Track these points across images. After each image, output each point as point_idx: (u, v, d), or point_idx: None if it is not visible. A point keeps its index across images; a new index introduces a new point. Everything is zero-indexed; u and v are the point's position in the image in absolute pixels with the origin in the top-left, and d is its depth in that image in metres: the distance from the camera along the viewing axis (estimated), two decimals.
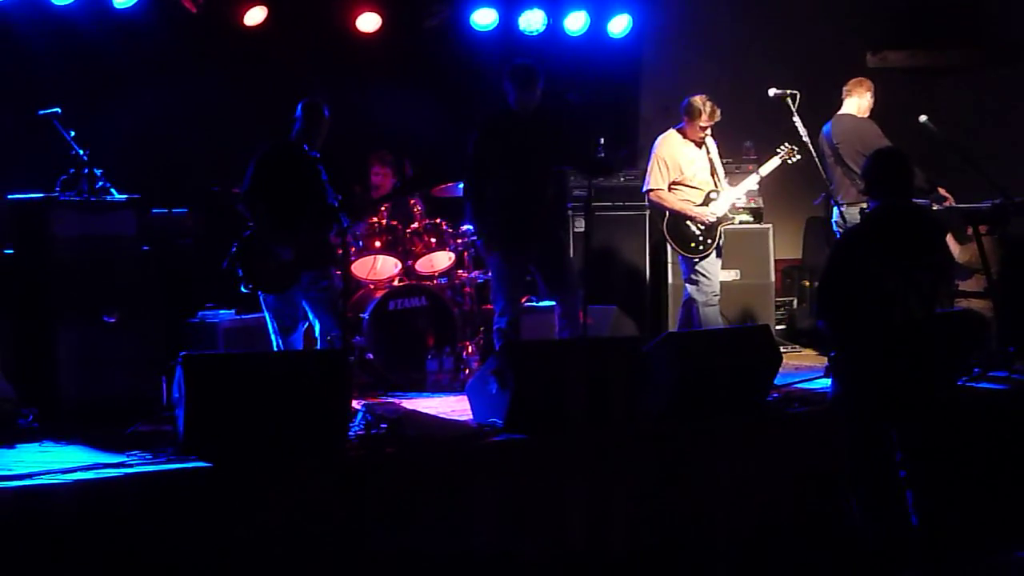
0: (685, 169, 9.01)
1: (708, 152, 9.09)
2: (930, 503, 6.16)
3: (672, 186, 9.02)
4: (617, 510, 6.74)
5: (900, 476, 6.16)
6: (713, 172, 9.10)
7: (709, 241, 8.98)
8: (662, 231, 9.15)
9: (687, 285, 9.12)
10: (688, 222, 8.98)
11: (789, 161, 9.11)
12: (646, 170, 9.16)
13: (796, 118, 8.91)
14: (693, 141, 9.04)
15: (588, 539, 6.63)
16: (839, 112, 9.62)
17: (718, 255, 9.06)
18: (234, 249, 7.64)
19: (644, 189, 9.15)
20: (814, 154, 9.02)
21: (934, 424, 6.25)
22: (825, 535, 7.05)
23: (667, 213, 9.05)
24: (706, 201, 9.00)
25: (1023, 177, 9.81)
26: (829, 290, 6.23)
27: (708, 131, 9.01)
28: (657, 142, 9.12)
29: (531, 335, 8.91)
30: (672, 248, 9.22)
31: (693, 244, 9.00)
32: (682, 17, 11.66)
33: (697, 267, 9.00)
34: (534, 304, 9.51)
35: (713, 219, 8.96)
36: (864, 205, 9.14)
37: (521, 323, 8.64)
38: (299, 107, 7.89)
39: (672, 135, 9.09)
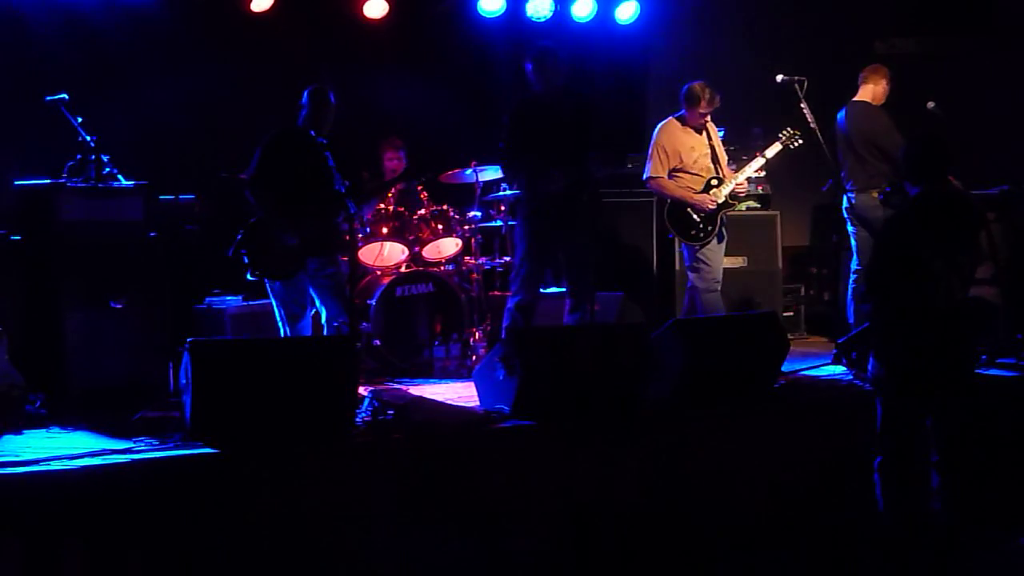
0: (685, 156, 8.95)
1: (710, 138, 9.05)
2: (955, 488, 6.20)
3: (673, 173, 8.96)
4: (623, 496, 6.74)
5: (931, 460, 6.22)
6: (715, 158, 9.05)
7: (710, 228, 8.90)
8: (663, 218, 9.12)
9: (689, 272, 9.09)
10: (688, 209, 8.92)
11: (791, 146, 9.06)
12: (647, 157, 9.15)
13: (804, 104, 8.88)
14: (693, 128, 8.98)
15: (594, 525, 6.64)
16: (854, 99, 9.54)
17: (720, 241, 9.00)
18: (240, 236, 7.63)
19: (644, 177, 9.10)
20: (821, 140, 8.96)
21: (969, 407, 6.29)
22: (833, 520, 7.07)
23: (668, 200, 9.02)
24: (707, 188, 8.93)
25: None
26: (878, 273, 6.32)
27: (708, 117, 8.97)
28: (656, 129, 9.07)
29: (540, 321, 8.89)
30: (674, 235, 9.19)
31: (693, 231, 8.93)
32: (689, 3, 11.63)
33: (698, 254, 8.96)
34: (544, 291, 9.48)
35: (713, 206, 8.89)
36: (875, 192, 9.12)
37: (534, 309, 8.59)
38: (305, 94, 7.87)
39: (671, 122, 9.03)
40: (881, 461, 6.30)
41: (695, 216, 8.92)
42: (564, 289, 8.59)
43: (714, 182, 8.94)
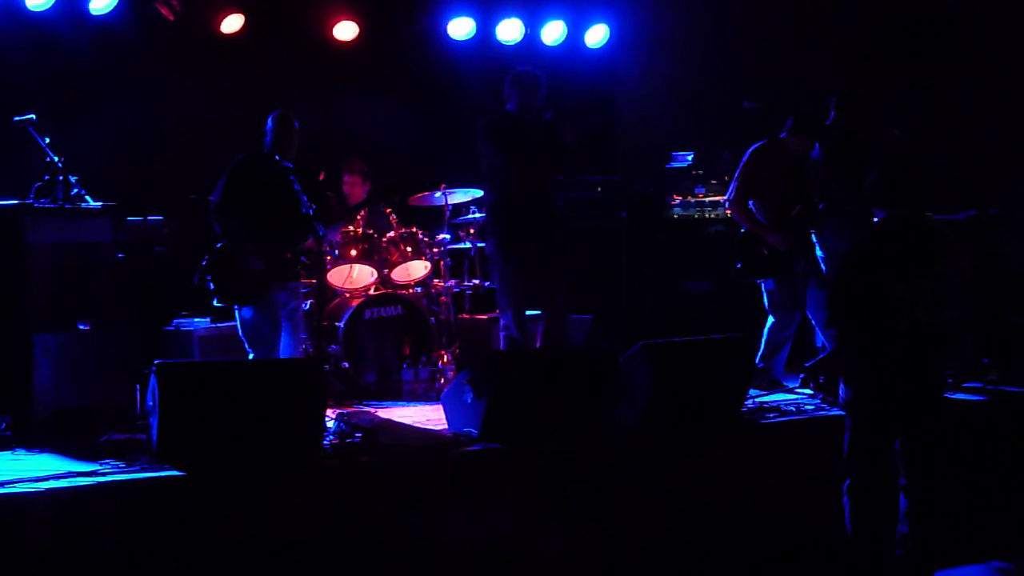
0: (773, 185, 8.63)
1: (805, 167, 8.76)
2: (923, 511, 6.22)
3: (755, 201, 8.65)
4: (592, 520, 6.74)
5: (900, 484, 6.25)
6: (805, 189, 8.68)
7: (779, 265, 8.56)
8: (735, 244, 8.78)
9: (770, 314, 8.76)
10: (758, 243, 8.65)
11: None
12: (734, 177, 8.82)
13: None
14: (794, 155, 8.69)
15: (563, 549, 6.63)
16: (825, 124, 9.51)
17: (802, 280, 8.54)
18: (204, 262, 7.60)
19: (725, 197, 8.88)
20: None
21: (937, 432, 6.32)
22: (801, 543, 7.08)
23: (742, 228, 8.74)
24: (784, 222, 8.59)
25: (997, 189, 9.86)
26: (841, 298, 6.35)
27: (812, 146, 8.72)
28: (748, 152, 8.74)
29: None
30: (741, 265, 8.73)
31: (757, 266, 8.63)
32: (659, 28, 11.69)
33: (769, 291, 8.72)
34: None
35: (784, 246, 8.56)
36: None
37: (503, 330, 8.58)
38: (269, 119, 7.89)
39: (765, 147, 8.72)
40: (849, 484, 6.32)
41: (764, 251, 8.64)
42: (540, 317, 8.57)
43: (792, 215, 8.60)
